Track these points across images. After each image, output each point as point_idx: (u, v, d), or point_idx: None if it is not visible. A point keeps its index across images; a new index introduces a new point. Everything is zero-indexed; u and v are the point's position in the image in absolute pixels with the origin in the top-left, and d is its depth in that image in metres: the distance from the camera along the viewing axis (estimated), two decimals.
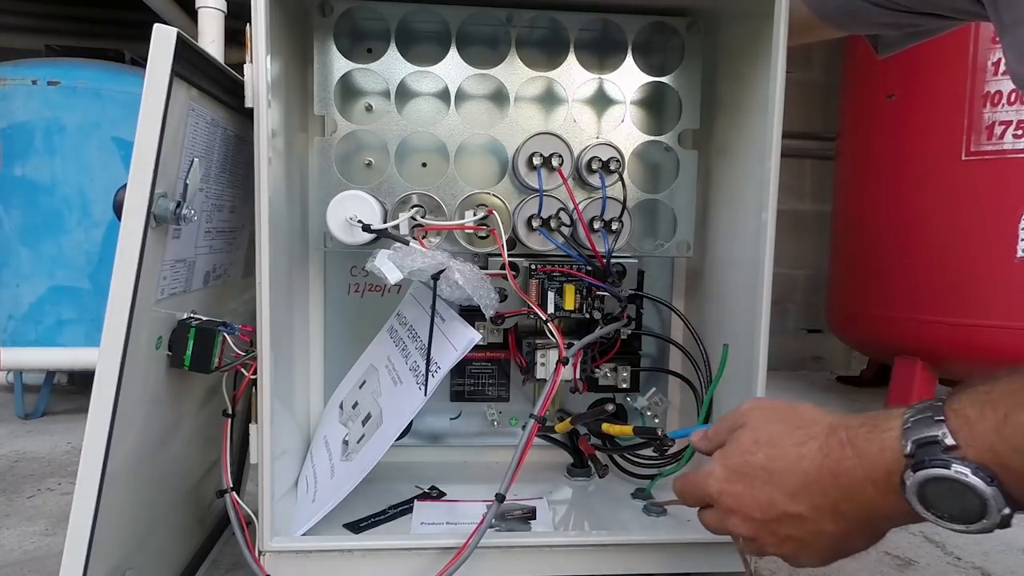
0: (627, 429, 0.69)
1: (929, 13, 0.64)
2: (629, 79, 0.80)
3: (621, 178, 0.76)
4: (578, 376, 0.76)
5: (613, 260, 0.77)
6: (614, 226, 0.76)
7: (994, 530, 0.38)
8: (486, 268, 0.75)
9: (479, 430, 0.89)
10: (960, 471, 0.36)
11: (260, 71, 0.60)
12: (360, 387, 0.77)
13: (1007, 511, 0.36)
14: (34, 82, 1.37)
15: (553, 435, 0.83)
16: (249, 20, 0.59)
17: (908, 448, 0.39)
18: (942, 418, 0.38)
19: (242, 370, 0.63)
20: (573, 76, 0.79)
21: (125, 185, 0.51)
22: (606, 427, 0.71)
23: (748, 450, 0.48)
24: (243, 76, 0.60)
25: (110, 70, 1.46)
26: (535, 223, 0.75)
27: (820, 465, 0.44)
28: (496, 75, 0.78)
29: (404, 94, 0.80)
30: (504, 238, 0.71)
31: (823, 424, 0.46)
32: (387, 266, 0.63)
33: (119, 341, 0.50)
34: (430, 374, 0.65)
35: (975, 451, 0.37)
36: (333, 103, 0.76)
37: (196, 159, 0.59)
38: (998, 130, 1.31)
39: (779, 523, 0.46)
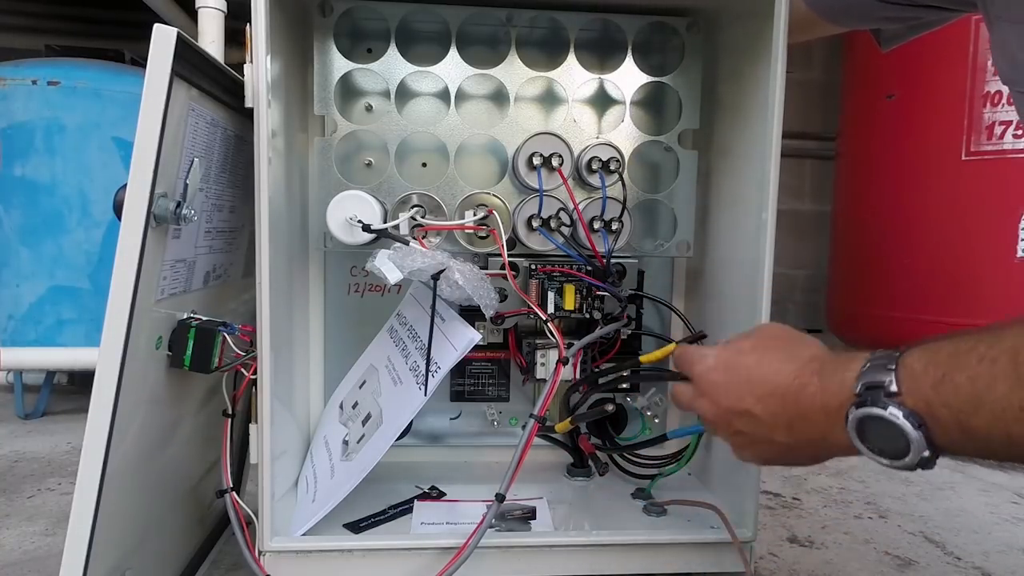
0: (669, 348, 0.69)
1: (927, 5, 0.64)
2: (629, 79, 0.80)
3: (621, 178, 0.76)
4: (578, 376, 0.76)
5: (613, 260, 0.77)
6: (614, 226, 0.76)
7: (915, 469, 0.43)
8: (486, 268, 0.75)
9: (479, 430, 0.89)
10: (893, 413, 0.42)
11: (260, 71, 0.60)
12: (360, 387, 0.77)
13: (926, 453, 0.42)
14: (34, 82, 1.37)
15: (553, 435, 0.83)
16: (249, 20, 0.59)
17: (858, 388, 0.44)
18: (893, 367, 0.43)
19: (242, 370, 0.63)
20: (573, 76, 0.79)
21: (125, 185, 0.51)
22: (645, 358, 0.72)
23: (742, 350, 0.55)
24: (243, 76, 0.60)
25: (110, 70, 1.46)
26: (535, 223, 0.75)
27: (790, 384, 0.50)
28: (496, 75, 0.78)
29: (404, 94, 0.80)
30: (504, 238, 0.71)
31: (810, 354, 0.52)
32: (387, 266, 0.63)
33: (119, 341, 0.50)
34: (430, 374, 0.65)
35: (912, 399, 0.42)
36: (333, 103, 0.76)
37: (196, 159, 0.59)
38: (998, 130, 1.31)
39: (739, 417, 0.52)
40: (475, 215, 0.74)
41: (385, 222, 0.70)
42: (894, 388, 0.42)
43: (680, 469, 0.78)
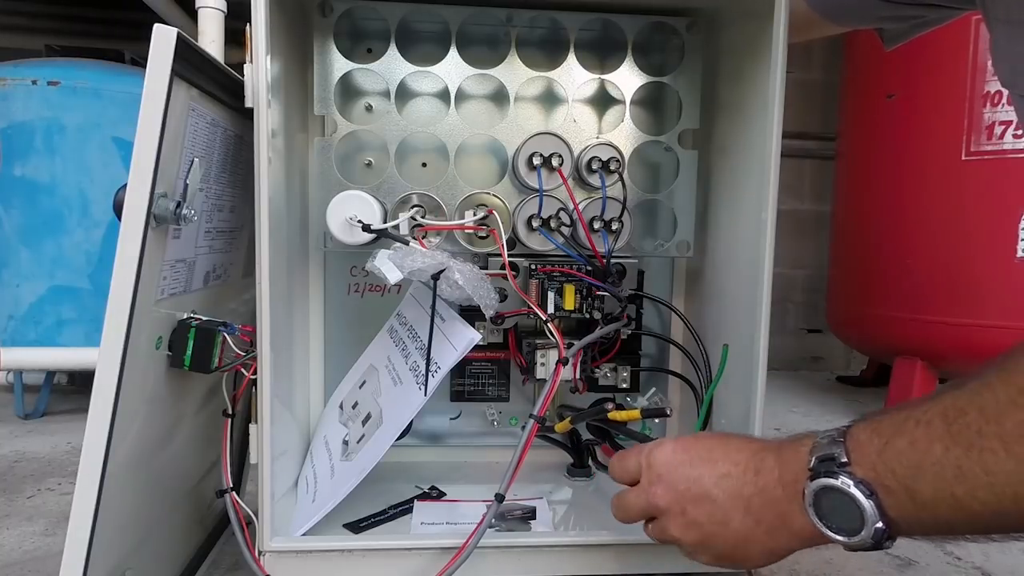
0: (634, 413, 0.68)
1: (928, 4, 0.64)
2: (629, 79, 0.80)
3: (621, 178, 0.76)
4: (578, 376, 0.76)
5: (613, 260, 0.77)
6: (614, 226, 0.76)
7: (870, 548, 0.43)
8: (486, 268, 0.75)
9: (479, 430, 0.89)
10: (845, 482, 0.42)
11: (260, 71, 0.60)
12: (360, 387, 0.77)
13: (880, 525, 0.41)
14: (34, 82, 1.37)
15: (553, 435, 0.83)
16: (249, 20, 0.59)
17: (811, 462, 0.45)
18: (842, 439, 0.44)
19: (242, 370, 0.63)
20: (573, 76, 0.79)
21: (125, 185, 0.51)
22: (613, 415, 0.70)
23: (699, 436, 0.56)
24: (243, 76, 0.60)
25: (110, 70, 1.46)
26: (535, 223, 0.75)
27: (749, 461, 0.50)
28: (496, 75, 0.78)
29: (404, 94, 0.80)
30: (504, 238, 0.71)
31: (764, 441, 0.52)
32: (387, 266, 0.62)
33: (119, 341, 0.50)
34: (430, 374, 0.65)
35: (861, 469, 0.42)
36: (333, 103, 0.76)
37: (196, 159, 0.59)
38: (998, 130, 1.31)
39: (696, 503, 0.51)
40: (475, 215, 0.74)
41: (385, 222, 0.70)
42: (844, 459, 0.43)
43: None
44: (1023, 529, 0.40)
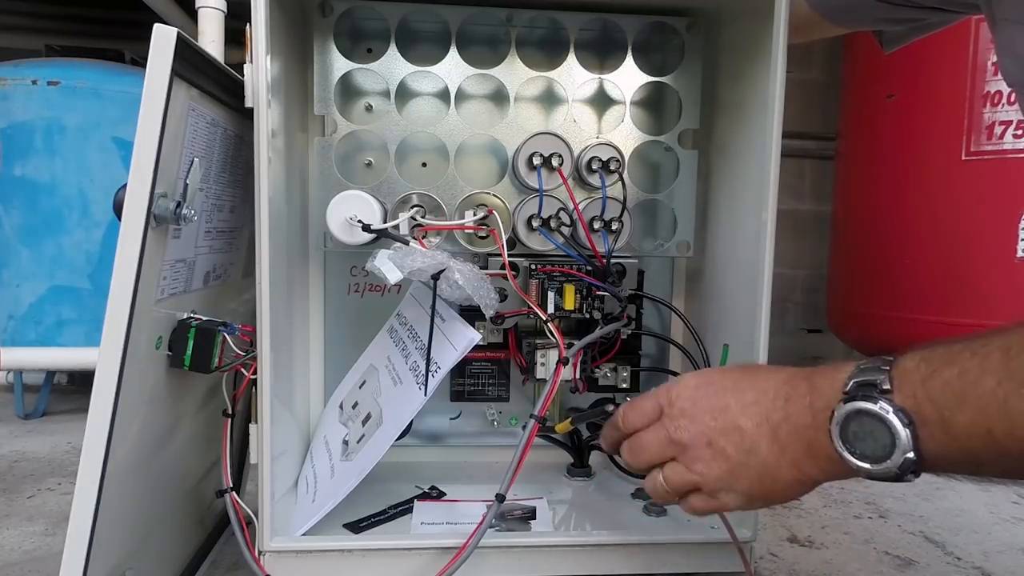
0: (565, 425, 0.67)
1: (929, 7, 0.64)
2: (629, 79, 0.80)
3: (621, 178, 0.76)
4: (578, 376, 0.76)
5: (613, 260, 0.77)
6: (614, 226, 0.76)
7: (892, 477, 0.41)
8: (486, 268, 0.75)
9: (479, 430, 0.89)
10: (884, 407, 0.40)
11: (260, 71, 0.60)
12: (360, 387, 0.77)
13: (911, 455, 0.40)
14: (34, 82, 1.37)
15: (553, 435, 0.83)
16: (249, 20, 0.59)
17: (849, 386, 0.43)
18: (887, 368, 0.42)
19: (242, 370, 0.63)
20: (573, 76, 0.79)
21: (125, 185, 0.51)
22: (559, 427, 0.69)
23: (726, 368, 0.52)
24: (243, 76, 0.60)
25: (110, 70, 1.46)
26: (535, 223, 0.75)
27: (779, 388, 0.47)
28: (496, 75, 0.78)
29: (404, 94, 0.80)
30: (504, 238, 0.71)
31: (796, 368, 0.49)
32: (387, 266, 0.62)
33: (119, 341, 0.50)
34: (430, 374, 0.65)
35: (901, 396, 0.41)
36: (333, 103, 0.76)
37: (196, 159, 0.59)
38: (998, 130, 1.31)
39: (723, 434, 0.48)
40: (475, 215, 0.74)
41: (385, 222, 0.70)
42: (887, 386, 0.41)
43: None
44: None
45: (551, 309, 0.74)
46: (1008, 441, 0.37)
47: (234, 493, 0.65)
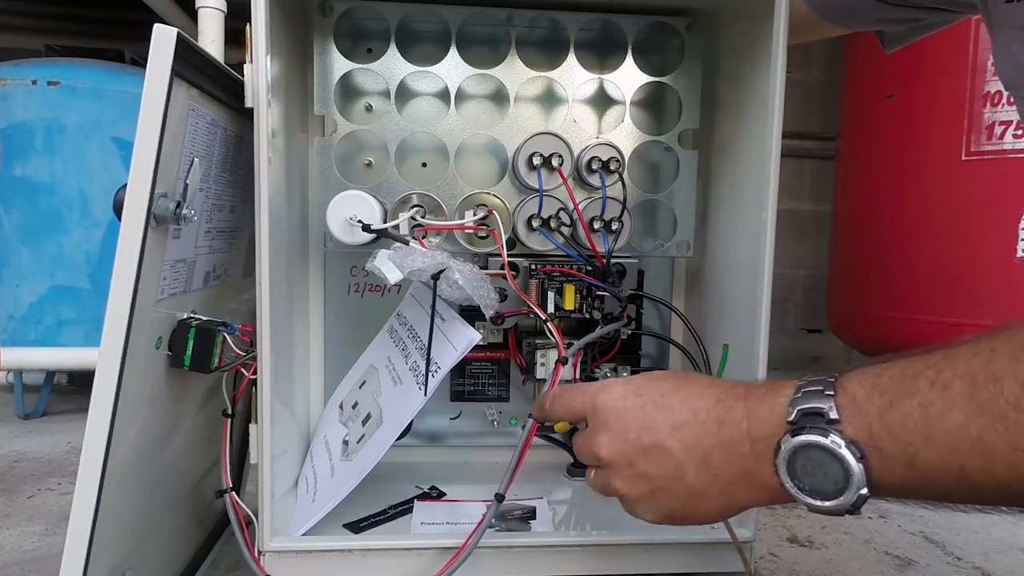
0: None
1: (928, 7, 0.64)
2: (629, 79, 0.80)
3: (621, 178, 0.76)
4: (578, 376, 0.76)
5: (613, 260, 0.77)
6: (614, 226, 0.76)
7: (843, 512, 0.39)
8: (486, 268, 0.75)
9: (479, 430, 0.89)
10: (835, 441, 0.38)
11: (260, 71, 0.60)
12: (360, 387, 0.77)
13: (864, 491, 0.38)
14: (34, 82, 1.37)
15: (553, 435, 0.83)
16: (249, 20, 0.59)
17: (792, 415, 0.40)
18: (832, 393, 0.39)
19: (242, 370, 0.63)
20: (573, 76, 0.79)
21: (125, 185, 0.51)
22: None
23: (654, 377, 0.49)
24: (243, 76, 0.60)
25: (110, 70, 1.46)
26: (535, 223, 0.75)
27: (711, 409, 0.45)
28: (496, 75, 0.78)
29: (404, 94, 0.80)
30: (504, 238, 0.71)
31: (730, 384, 0.47)
32: (387, 266, 0.62)
33: (119, 341, 0.50)
34: (430, 374, 0.65)
35: (853, 428, 0.38)
36: (333, 103, 0.76)
37: (196, 159, 0.59)
38: (998, 130, 1.31)
39: (647, 454, 0.46)
40: (475, 215, 0.74)
41: (385, 222, 0.70)
42: (834, 415, 0.39)
43: None
44: (1022, 506, 0.38)
45: (551, 309, 0.74)
46: (980, 477, 0.35)
47: (234, 493, 0.65)
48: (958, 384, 0.36)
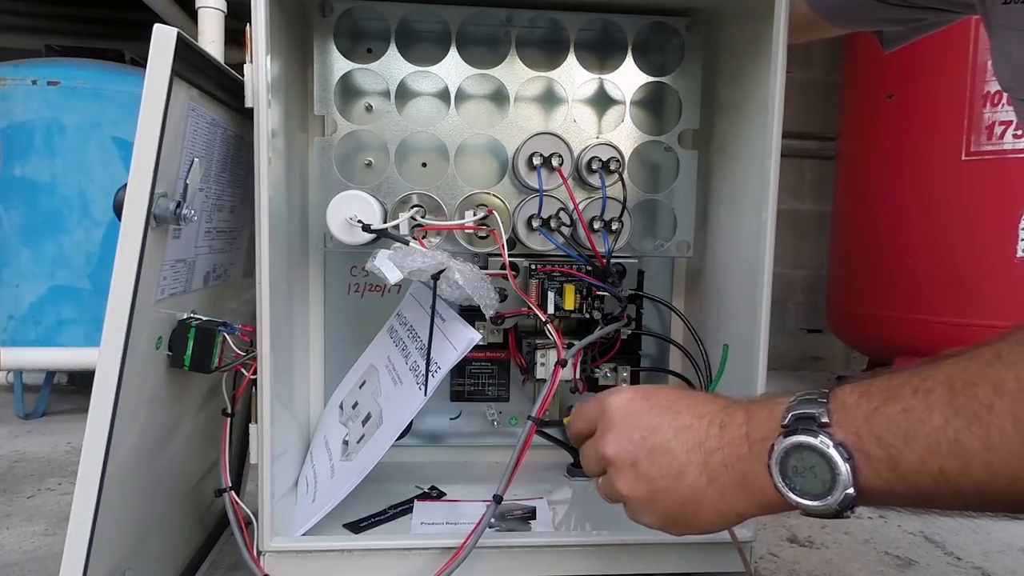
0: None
1: (928, 7, 0.64)
2: (629, 79, 0.80)
3: (621, 178, 0.76)
4: (578, 376, 0.76)
5: (613, 260, 0.77)
6: (614, 226, 0.76)
7: (832, 514, 0.41)
8: (486, 268, 0.75)
9: (479, 430, 0.89)
10: (824, 441, 0.40)
11: (260, 71, 0.60)
12: (360, 387, 0.77)
13: (851, 491, 0.40)
14: (34, 82, 1.37)
15: (552, 435, 0.83)
16: (249, 20, 0.59)
17: (787, 419, 0.42)
18: (824, 400, 0.42)
19: (242, 370, 0.63)
20: (573, 76, 0.79)
21: (125, 185, 0.51)
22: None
23: (664, 387, 0.52)
24: (243, 76, 0.60)
25: (110, 70, 1.46)
26: (535, 223, 0.75)
27: (715, 414, 0.47)
28: (496, 75, 0.78)
29: (404, 94, 0.80)
30: (504, 238, 0.71)
31: (733, 398, 0.49)
32: (387, 266, 0.62)
33: (119, 341, 0.50)
34: (430, 374, 0.65)
35: (842, 431, 0.40)
36: (333, 103, 0.76)
37: (196, 159, 0.59)
38: (998, 130, 1.31)
39: (649, 455, 0.47)
40: (475, 215, 0.74)
41: (385, 222, 0.70)
42: (824, 419, 0.41)
43: None
44: (1001, 510, 0.39)
45: (551, 309, 0.74)
46: (960, 479, 0.37)
47: (233, 492, 0.65)
48: (938, 390, 0.38)
